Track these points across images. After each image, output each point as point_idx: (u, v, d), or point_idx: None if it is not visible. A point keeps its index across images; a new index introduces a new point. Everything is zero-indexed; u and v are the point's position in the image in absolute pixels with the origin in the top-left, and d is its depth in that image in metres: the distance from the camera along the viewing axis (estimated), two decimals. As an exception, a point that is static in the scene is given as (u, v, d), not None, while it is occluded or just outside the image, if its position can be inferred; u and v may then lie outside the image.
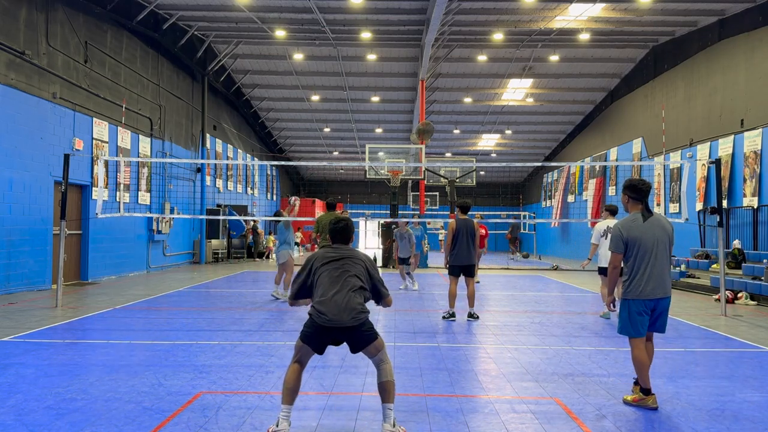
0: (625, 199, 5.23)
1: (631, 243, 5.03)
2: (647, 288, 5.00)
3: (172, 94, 20.43)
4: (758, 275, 12.83)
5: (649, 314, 5.06)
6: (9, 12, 12.19)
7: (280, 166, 38.57)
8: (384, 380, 4.28)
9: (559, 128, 32.94)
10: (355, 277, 4.42)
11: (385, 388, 4.27)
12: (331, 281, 4.37)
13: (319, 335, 4.31)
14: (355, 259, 4.51)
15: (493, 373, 6.22)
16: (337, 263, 4.45)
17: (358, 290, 4.38)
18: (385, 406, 4.24)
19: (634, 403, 5.04)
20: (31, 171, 12.79)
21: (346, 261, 4.47)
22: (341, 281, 4.37)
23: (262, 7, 18.99)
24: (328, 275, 4.40)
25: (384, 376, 4.29)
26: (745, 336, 8.53)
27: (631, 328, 5.05)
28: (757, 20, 15.57)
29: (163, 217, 18.70)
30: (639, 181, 5.18)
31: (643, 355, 5.05)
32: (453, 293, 9.64)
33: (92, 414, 4.67)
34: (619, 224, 5.13)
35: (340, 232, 4.62)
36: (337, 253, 4.52)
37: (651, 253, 5.01)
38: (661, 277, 5.04)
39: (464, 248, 9.65)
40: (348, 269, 4.43)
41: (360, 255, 4.59)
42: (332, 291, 4.32)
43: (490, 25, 20.40)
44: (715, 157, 15.64)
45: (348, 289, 4.34)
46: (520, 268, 22.44)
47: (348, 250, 4.58)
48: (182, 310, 10.49)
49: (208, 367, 6.21)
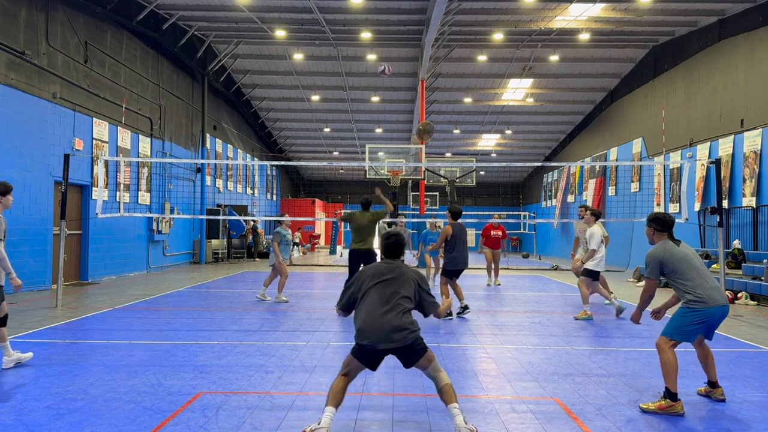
0: (651, 231, 5.35)
1: (679, 262, 5.10)
2: (719, 296, 5.05)
3: (172, 94, 20.43)
4: (758, 275, 12.84)
5: (708, 323, 5.07)
6: (9, 12, 12.19)
7: (280, 166, 38.56)
8: (442, 385, 4.35)
9: (559, 128, 32.94)
10: (406, 298, 4.42)
11: (446, 391, 4.34)
12: (381, 301, 4.36)
13: (372, 354, 4.35)
14: (405, 277, 4.50)
15: (493, 373, 6.22)
16: (387, 282, 4.45)
17: (408, 312, 4.40)
18: (451, 406, 4.30)
19: (660, 410, 4.89)
20: (31, 171, 12.79)
21: (397, 279, 4.47)
22: (392, 302, 4.36)
23: (262, 7, 18.99)
24: (377, 293, 4.40)
25: (441, 381, 4.37)
26: (745, 336, 8.53)
27: (686, 335, 5.04)
28: (757, 20, 15.57)
29: (163, 217, 18.69)
30: (663, 214, 5.36)
31: (675, 357, 5.01)
32: (446, 294, 9.76)
33: (92, 414, 4.67)
34: (658, 251, 5.19)
35: (392, 247, 4.68)
36: (388, 268, 4.52)
37: (702, 266, 5.14)
38: (719, 287, 5.18)
39: (463, 253, 9.79)
40: (398, 290, 4.43)
41: (411, 273, 4.58)
42: (381, 311, 4.32)
43: (490, 25, 20.40)
44: (715, 157, 15.64)
45: (399, 312, 4.33)
46: (520, 268, 22.44)
47: (399, 267, 4.55)
48: (182, 310, 10.49)
49: (208, 367, 6.21)
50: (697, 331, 5.06)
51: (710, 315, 5.01)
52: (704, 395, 5.40)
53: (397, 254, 4.69)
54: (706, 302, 4.98)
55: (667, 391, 4.94)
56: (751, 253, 14.44)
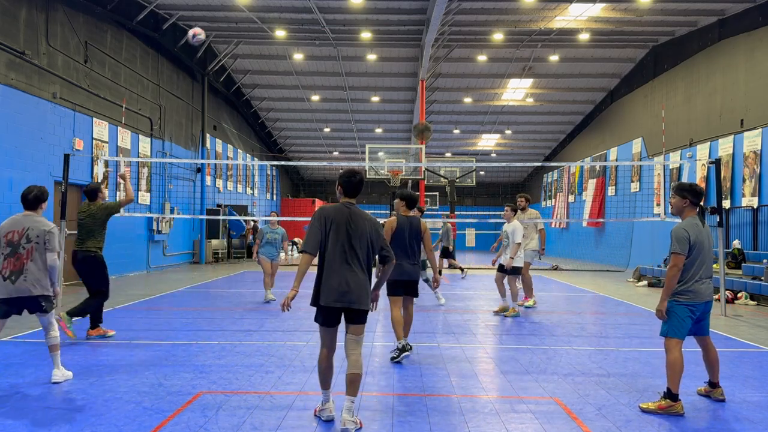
0: (684, 203, 5.15)
1: (697, 246, 5.02)
2: (706, 292, 5.05)
3: (172, 94, 20.43)
4: (758, 275, 12.83)
5: (695, 318, 5.07)
6: (9, 12, 12.18)
7: (280, 166, 38.56)
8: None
9: (559, 128, 32.94)
10: (366, 248, 4.55)
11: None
12: (342, 254, 4.48)
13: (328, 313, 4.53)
14: (364, 223, 4.57)
15: (493, 373, 6.22)
16: (349, 228, 4.51)
17: (366, 268, 4.54)
18: (349, 398, 4.46)
19: (660, 410, 4.88)
20: (31, 171, 12.78)
21: (357, 227, 4.53)
22: (352, 255, 4.50)
23: (262, 7, 18.99)
24: (339, 245, 4.49)
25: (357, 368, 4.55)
26: (745, 336, 8.53)
27: (680, 330, 5.02)
28: (757, 20, 15.57)
29: (163, 217, 18.70)
30: (698, 186, 5.19)
31: (682, 358, 4.99)
32: (398, 319, 6.75)
33: (92, 414, 4.67)
34: (685, 226, 5.04)
35: (356, 185, 4.67)
36: (349, 211, 4.57)
37: (708, 258, 5.08)
38: (711, 281, 5.17)
39: (406, 256, 6.77)
40: (359, 240, 4.52)
41: (371, 219, 4.65)
42: (342, 268, 4.46)
43: (490, 25, 20.40)
44: (715, 157, 15.64)
45: (358, 268, 4.50)
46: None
47: (359, 212, 4.61)
48: (182, 310, 10.49)
49: (208, 367, 6.21)
50: (689, 324, 5.05)
51: (695, 309, 5.03)
52: (704, 395, 5.40)
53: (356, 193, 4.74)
54: (691, 297, 5.00)
55: (668, 391, 4.94)
56: (751, 253, 14.44)
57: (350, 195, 4.66)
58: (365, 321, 4.58)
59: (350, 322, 4.54)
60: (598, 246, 26.09)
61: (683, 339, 5.04)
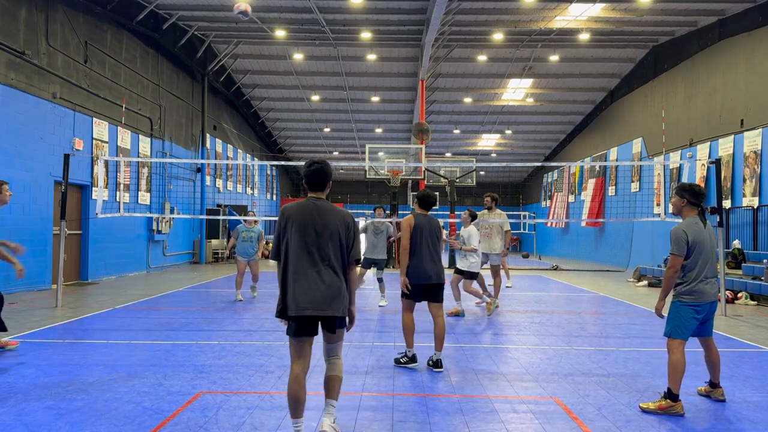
0: (682, 203, 5.17)
1: (697, 247, 5.01)
2: (711, 292, 5.04)
3: (172, 94, 20.43)
4: (758, 275, 12.83)
5: (700, 319, 5.07)
6: (9, 12, 12.18)
7: (280, 166, 38.56)
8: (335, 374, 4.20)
9: (559, 128, 32.93)
10: (337, 247, 4.04)
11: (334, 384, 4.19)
12: (308, 256, 3.99)
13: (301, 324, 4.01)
14: (333, 219, 4.07)
15: (493, 373, 6.22)
16: (315, 225, 4.02)
17: (339, 270, 4.05)
18: (329, 401, 4.19)
19: (660, 410, 4.88)
20: (31, 171, 12.79)
21: (325, 224, 4.03)
22: (320, 255, 4.00)
23: (262, 7, 18.99)
24: (304, 246, 3.99)
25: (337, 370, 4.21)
26: (745, 336, 8.53)
27: (683, 331, 5.01)
28: (757, 20, 15.57)
29: (163, 217, 18.69)
30: (698, 186, 5.17)
31: (684, 359, 4.99)
32: (409, 325, 6.50)
33: (92, 414, 4.67)
34: (683, 227, 5.05)
35: (316, 175, 4.16)
36: (315, 207, 4.08)
37: (711, 257, 5.07)
38: (715, 281, 5.15)
39: (427, 258, 6.42)
40: (328, 238, 4.02)
41: (341, 214, 4.14)
42: (310, 271, 3.97)
43: (490, 25, 20.39)
44: (715, 157, 15.64)
45: (329, 269, 4.00)
46: (520, 268, 22.45)
47: (327, 207, 4.11)
48: (182, 310, 10.49)
49: (208, 367, 6.21)
50: (693, 325, 5.05)
51: (700, 309, 5.03)
52: (704, 395, 5.40)
53: (323, 186, 4.20)
54: (696, 297, 4.99)
55: (668, 391, 4.94)
56: (751, 253, 14.44)
57: (315, 188, 4.17)
58: (343, 327, 4.14)
59: (326, 330, 4.09)
60: (598, 246, 26.10)
61: (686, 340, 5.04)
